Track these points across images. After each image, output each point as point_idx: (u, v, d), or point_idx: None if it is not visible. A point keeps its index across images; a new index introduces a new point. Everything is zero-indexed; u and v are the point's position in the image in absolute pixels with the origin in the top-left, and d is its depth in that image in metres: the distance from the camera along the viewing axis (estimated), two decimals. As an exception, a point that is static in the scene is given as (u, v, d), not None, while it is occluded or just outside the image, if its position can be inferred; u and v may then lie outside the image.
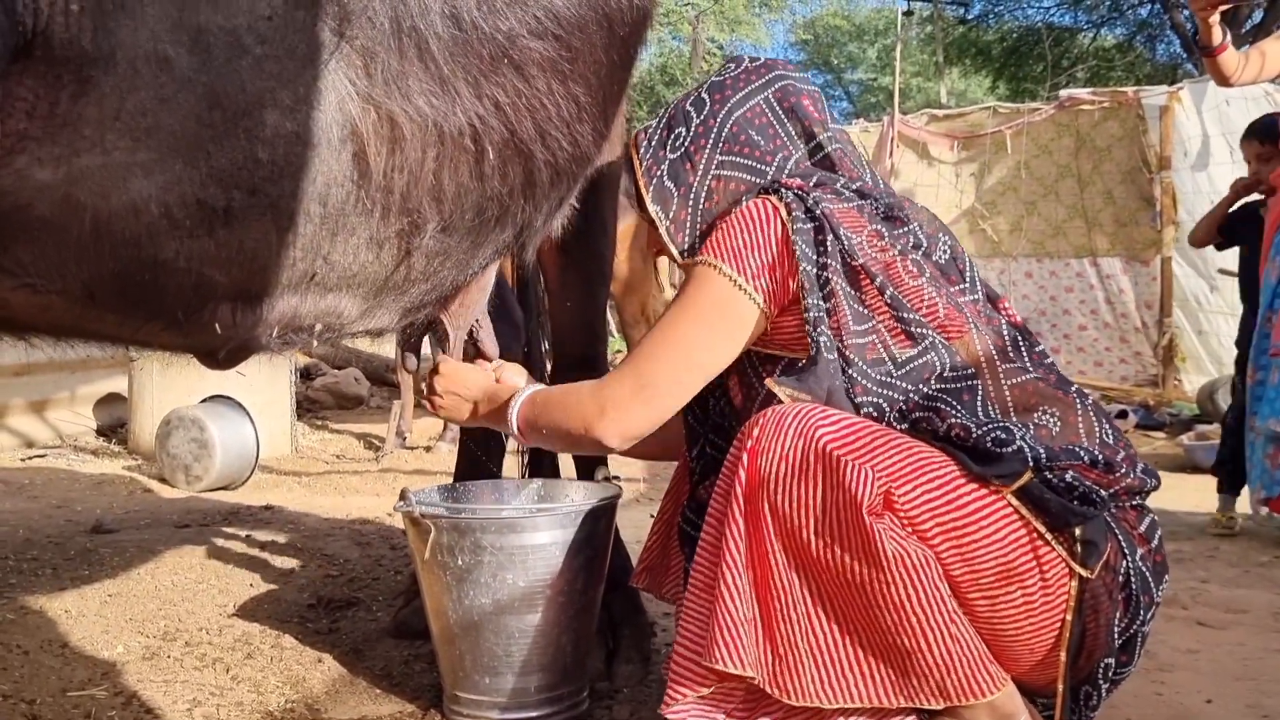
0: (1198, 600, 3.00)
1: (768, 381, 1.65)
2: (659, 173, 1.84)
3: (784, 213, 1.67)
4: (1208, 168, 8.15)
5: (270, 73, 1.33)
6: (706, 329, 1.68)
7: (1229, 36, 3.72)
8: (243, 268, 1.49)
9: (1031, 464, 1.49)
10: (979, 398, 1.60)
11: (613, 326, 8.02)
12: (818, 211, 1.65)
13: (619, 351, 8.48)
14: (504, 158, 1.66)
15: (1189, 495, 4.72)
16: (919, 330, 1.63)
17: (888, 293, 1.63)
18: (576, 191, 2.11)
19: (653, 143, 1.87)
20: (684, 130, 1.84)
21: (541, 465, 2.66)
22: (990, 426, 1.53)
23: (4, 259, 1.34)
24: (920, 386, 1.61)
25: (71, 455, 5.72)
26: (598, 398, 1.73)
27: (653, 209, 1.82)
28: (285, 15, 1.33)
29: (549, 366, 3.14)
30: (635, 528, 2.96)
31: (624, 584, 2.42)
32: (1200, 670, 2.39)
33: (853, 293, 1.64)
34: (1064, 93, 9.53)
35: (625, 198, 3.04)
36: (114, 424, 6.37)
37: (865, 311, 1.64)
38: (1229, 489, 4.22)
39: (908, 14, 20.44)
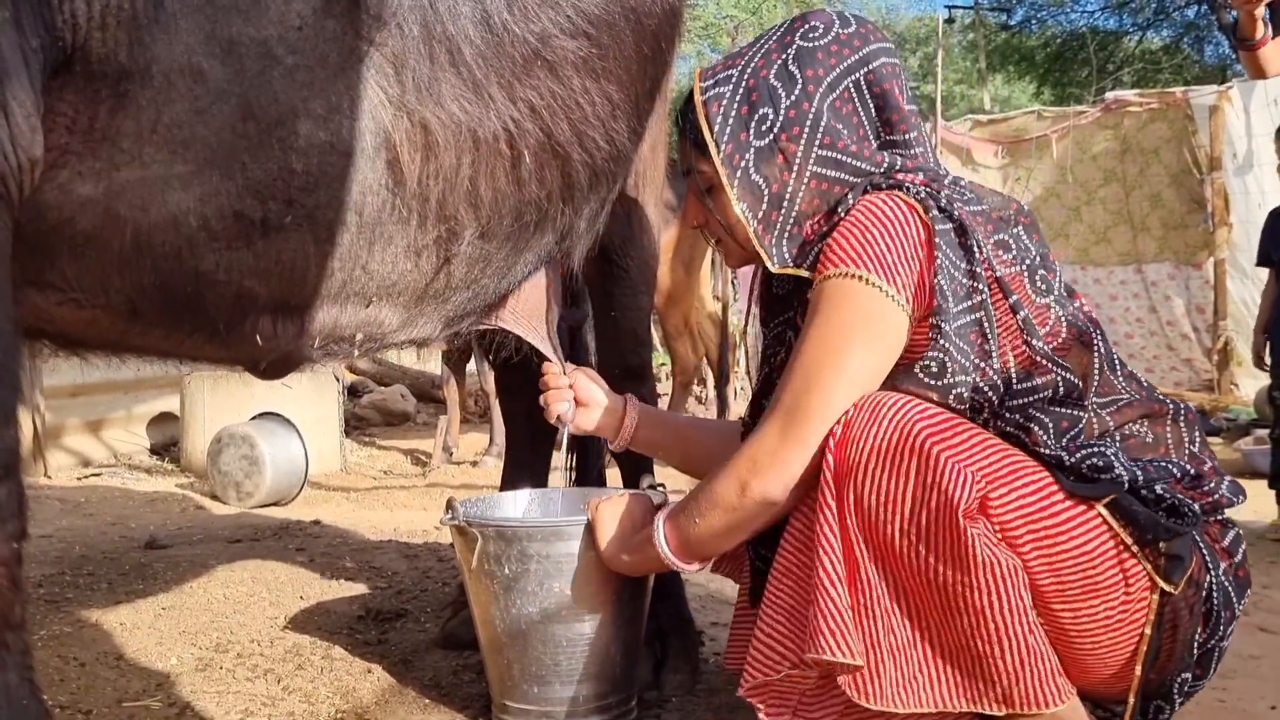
0: (1259, 606, 2.92)
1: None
2: (743, 163, 1.61)
3: (922, 211, 1.51)
4: (1255, 169, 8.00)
5: (302, 82, 1.35)
6: (858, 348, 1.49)
7: (1270, 30, 3.64)
8: (282, 279, 1.50)
9: (1127, 488, 1.42)
10: (1079, 426, 1.49)
11: (656, 340, 8.02)
12: (954, 212, 1.51)
13: (663, 365, 8.46)
14: (540, 161, 1.65)
15: (1248, 500, 4.61)
16: (1043, 360, 1.50)
17: (1021, 314, 1.50)
18: (617, 193, 2.09)
19: (730, 120, 1.63)
20: (770, 112, 1.61)
21: (588, 475, 2.66)
22: (1086, 454, 1.44)
23: (49, 274, 1.37)
24: (1021, 404, 1.50)
25: (126, 473, 5.82)
26: (742, 455, 1.56)
27: (738, 208, 1.61)
28: (315, 24, 1.34)
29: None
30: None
31: (672, 592, 2.40)
32: (1263, 676, 2.33)
33: (991, 306, 1.50)
34: (1110, 95, 9.42)
35: (667, 209, 3.03)
36: (167, 442, 6.47)
37: (995, 331, 1.51)
38: None
39: (949, 21, 20.34)
